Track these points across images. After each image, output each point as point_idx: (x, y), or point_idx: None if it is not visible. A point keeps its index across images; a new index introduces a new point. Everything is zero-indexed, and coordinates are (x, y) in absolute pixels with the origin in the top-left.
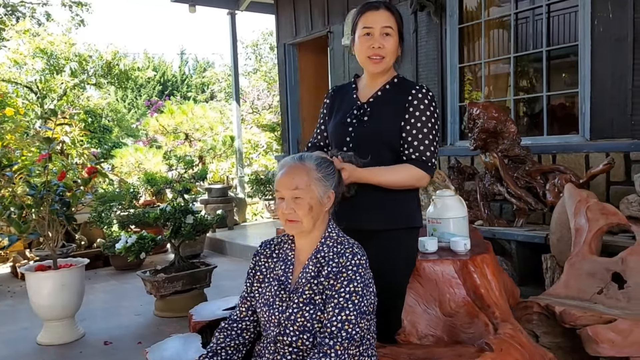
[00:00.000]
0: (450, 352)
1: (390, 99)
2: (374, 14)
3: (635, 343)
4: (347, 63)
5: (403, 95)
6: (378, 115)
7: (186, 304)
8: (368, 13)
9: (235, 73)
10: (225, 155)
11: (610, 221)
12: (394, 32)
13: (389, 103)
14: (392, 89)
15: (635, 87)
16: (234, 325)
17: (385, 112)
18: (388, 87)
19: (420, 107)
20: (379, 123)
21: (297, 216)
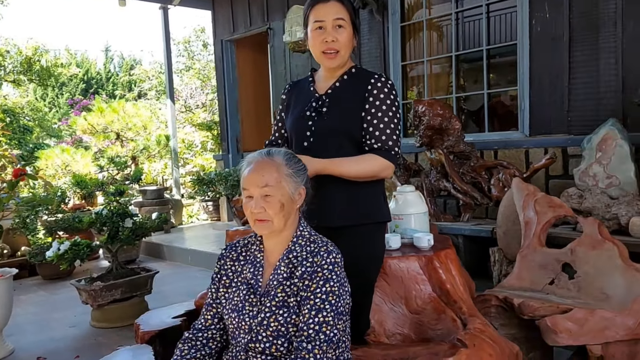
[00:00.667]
0: (425, 351)
1: (349, 89)
2: (325, 7)
3: (590, 331)
4: (288, 60)
5: (362, 85)
6: (337, 107)
7: (126, 313)
8: (318, 6)
9: (169, 70)
10: (159, 156)
11: (557, 213)
12: (347, 23)
13: (348, 94)
14: (350, 80)
15: (571, 85)
16: (199, 335)
17: (345, 103)
18: (346, 78)
19: (380, 96)
20: (339, 114)
21: (267, 215)
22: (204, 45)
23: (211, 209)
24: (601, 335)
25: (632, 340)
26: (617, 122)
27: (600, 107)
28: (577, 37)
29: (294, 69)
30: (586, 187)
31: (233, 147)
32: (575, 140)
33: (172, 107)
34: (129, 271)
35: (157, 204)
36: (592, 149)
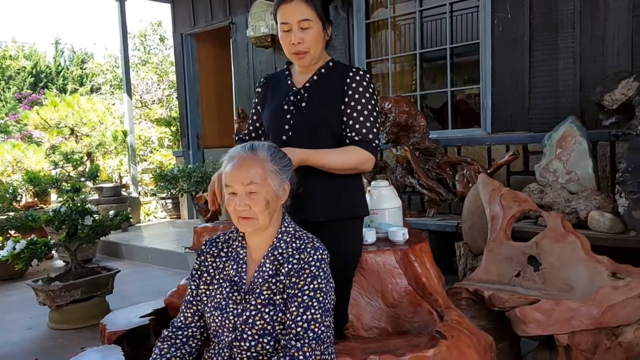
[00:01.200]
0: (405, 343)
1: (327, 83)
2: (288, 7)
3: (557, 321)
4: (251, 55)
5: (340, 78)
6: (317, 100)
7: (86, 313)
8: (282, 6)
9: (125, 64)
10: (115, 152)
11: (522, 208)
12: (314, 21)
13: (326, 87)
14: (328, 73)
15: (531, 84)
16: (179, 333)
17: (324, 97)
18: (323, 72)
19: (359, 90)
20: (318, 108)
21: (252, 213)
22: (160, 39)
23: (170, 207)
24: (567, 325)
25: (595, 330)
26: (576, 120)
27: (559, 105)
28: (537, 37)
29: (257, 64)
30: (547, 183)
31: (194, 144)
32: (536, 137)
33: (130, 102)
34: (89, 270)
35: (114, 202)
36: (552, 146)
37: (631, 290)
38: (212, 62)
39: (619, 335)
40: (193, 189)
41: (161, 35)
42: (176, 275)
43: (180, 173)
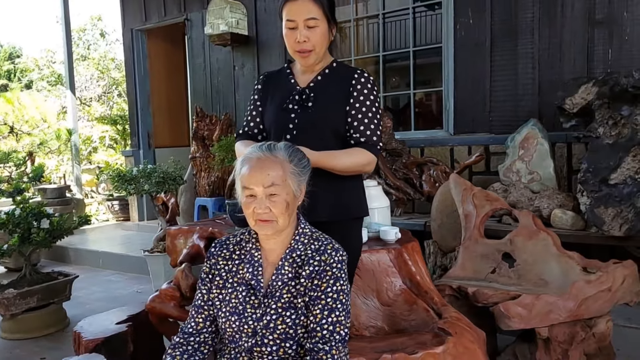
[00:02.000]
0: (412, 341)
1: (332, 84)
2: (295, 5)
3: (538, 315)
4: (208, 53)
5: (345, 80)
6: (322, 100)
7: (43, 321)
8: (289, 4)
9: (69, 59)
10: (58, 151)
11: (494, 206)
12: (320, 20)
13: (332, 88)
14: (332, 74)
15: (492, 88)
16: (190, 340)
17: (329, 97)
18: (327, 72)
19: (364, 92)
20: (324, 108)
21: (272, 215)
22: (101, 35)
23: (117, 209)
24: (547, 318)
25: (571, 322)
26: (538, 122)
27: (519, 108)
28: (498, 42)
29: (213, 63)
30: (510, 182)
31: (144, 143)
32: (497, 139)
33: (73, 99)
34: (45, 276)
35: (58, 204)
36: (515, 147)
37: (602, 283)
38: (163, 60)
39: (593, 326)
40: (154, 189)
41: (102, 30)
42: (132, 280)
43: (140, 173)
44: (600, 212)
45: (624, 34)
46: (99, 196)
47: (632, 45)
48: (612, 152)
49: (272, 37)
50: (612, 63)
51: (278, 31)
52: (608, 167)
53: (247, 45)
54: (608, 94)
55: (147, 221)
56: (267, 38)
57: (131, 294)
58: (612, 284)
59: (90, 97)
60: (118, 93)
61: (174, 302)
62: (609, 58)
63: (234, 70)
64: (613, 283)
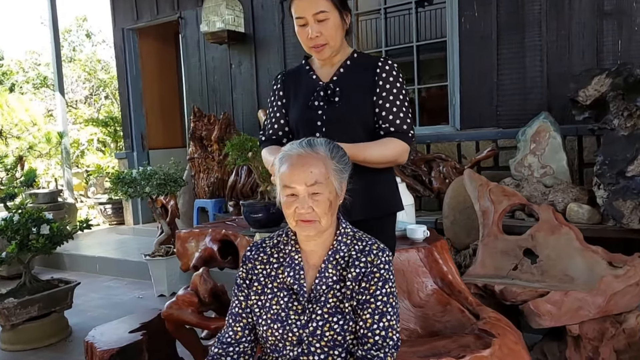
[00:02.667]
0: (454, 345)
1: (356, 75)
2: (302, 1)
3: (567, 312)
4: (203, 51)
5: (369, 70)
6: (348, 93)
7: (44, 331)
8: (296, 0)
9: (57, 61)
10: (48, 155)
11: (512, 202)
12: (330, 12)
13: (356, 80)
14: (354, 65)
15: (499, 81)
16: (230, 350)
17: (355, 90)
18: (349, 64)
19: (390, 80)
20: (352, 101)
21: (314, 215)
22: (87, 36)
23: (110, 212)
24: (577, 315)
25: (600, 318)
26: (549, 115)
27: (527, 102)
28: (505, 35)
29: (209, 61)
30: (522, 177)
31: (138, 144)
32: (505, 133)
33: (62, 101)
34: (46, 284)
35: (50, 209)
36: (526, 141)
37: (630, 278)
38: (155, 59)
39: (623, 322)
40: (155, 192)
41: (87, 31)
42: (132, 285)
43: (140, 175)
44: (618, 205)
45: (634, 25)
46: (88, 200)
47: None
48: (628, 144)
49: (270, 35)
50: (621, 54)
51: (276, 28)
52: (625, 159)
53: (244, 42)
54: (622, 85)
55: (142, 224)
56: (264, 35)
57: (133, 300)
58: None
59: (77, 99)
60: (105, 95)
61: (192, 308)
62: (619, 49)
63: (230, 69)
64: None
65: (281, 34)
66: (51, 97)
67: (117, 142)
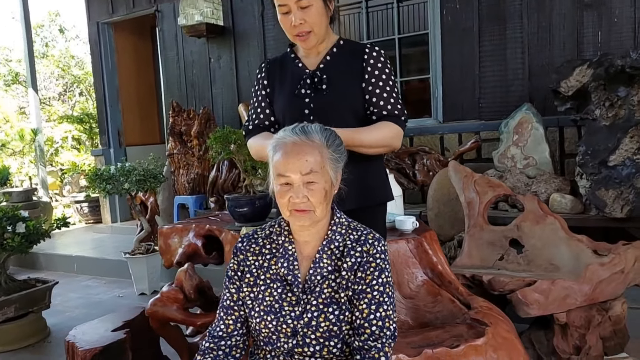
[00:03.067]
0: (447, 335)
1: (343, 63)
2: None
3: (555, 300)
4: (181, 45)
5: (356, 57)
6: (336, 81)
7: (22, 332)
8: None
9: (30, 57)
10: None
11: (497, 193)
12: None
13: (343, 67)
14: (341, 53)
15: (481, 74)
16: (221, 344)
17: (343, 77)
18: (335, 51)
19: (378, 66)
20: (340, 89)
21: (309, 205)
22: (60, 31)
23: (86, 211)
24: (564, 304)
25: (587, 306)
26: (532, 107)
27: (509, 93)
28: (486, 28)
29: (187, 55)
30: (505, 169)
31: (115, 141)
32: (488, 125)
33: (36, 98)
34: (22, 284)
35: (25, 208)
36: (509, 133)
37: (615, 265)
38: (132, 54)
39: (609, 309)
40: (134, 188)
41: (60, 27)
42: (111, 284)
43: (119, 171)
44: (601, 195)
45: (613, 16)
46: (64, 199)
47: (622, 27)
48: (609, 134)
49: (249, 27)
50: (601, 45)
51: (255, 21)
52: (606, 149)
53: (223, 36)
54: (604, 75)
55: (120, 223)
56: (244, 28)
57: (113, 299)
58: (625, 265)
59: (50, 96)
60: (80, 91)
61: (177, 305)
62: (599, 40)
63: (209, 63)
64: (626, 265)
65: (261, 26)
66: (23, 94)
67: (92, 139)
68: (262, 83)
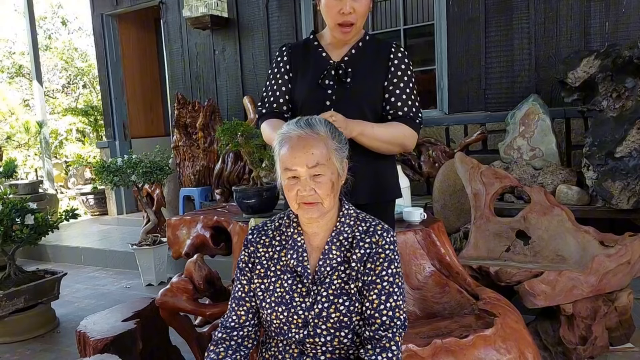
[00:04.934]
0: (456, 325)
1: (368, 58)
2: None
3: (562, 291)
4: (186, 37)
5: (382, 54)
6: (360, 75)
7: (31, 323)
8: None
9: (34, 49)
10: (27, 145)
11: (504, 184)
12: None
13: (368, 62)
14: (366, 48)
15: (487, 64)
16: (233, 334)
17: (367, 72)
18: (361, 45)
19: (401, 67)
20: (363, 83)
21: (317, 197)
22: (62, 23)
23: (92, 203)
24: (570, 295)
25: (593, 297)
26: (538, 98)
27: (515, 85)
28: (493, 18)
29: (192, 47)
30: (511, 160)
31: (120, 133)
32: (493, 117)
33: (40, 90)
34: (31, 275)
35: (32, 200)
36: (515, 124)
37: (621, 257)
38: (136, 46)
39: (615, 300)
40: (141, 180)
41: (63, 19)
42: (118, 275)
43: (126, 163)
44: (607, 186)
45: (621, 6)
46: (69, 191)
47: (630, 18)
48: (616, 125)
49: (254, 19)
50: (609, 36)
51: (260, 12)
52: (613, 140)
53: (228, 28)
54: (611, 66)
55: (126, 214)
56: (248, 20)
57: (120, 290)
58: (631, 256)
59: (54, 88)
60: (83, 84)
61: (187, 296)
62: (606, 31)
63: (214, 55)
64: (632, 256)
65: (266, 18)
66: (27, 86)
67: (97, 132)
68: (284, 67)
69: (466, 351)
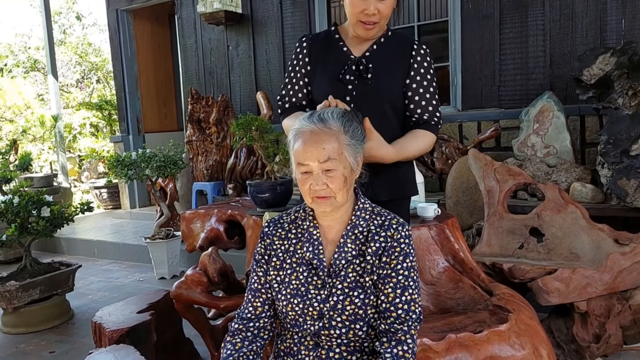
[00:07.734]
0: (470, 320)
1: (390, 55)
2: None
3: (576, 289)
4: (200, 33)
5: (404, 52)
6: (381, 72)
7: (47, 314)
8: None
9: (50, 43)
10: (42, 139)
11: (517, 181)
12: None
13: (389, 59)
14: (388, 43)
15: (501, 61)
16: (250, 325)
17: (388, 69)
18: (383, 41)
19: (424, 65)
20: (383, 80)
21: (329, 192)
22: (77, 18)
23: (105, 197)
24: (584, 292)
25: (607, 295)
26: (553, 95)
27: (530, 81)
28: (507, 15)
29: (206, 43)
30: (525, 157)
31: (134, 128)
32: (507, 113)
33: (56, 84)
34: (47, 267)
35: (47, 193)
36: (529, 121)
37: (636, 255)
38: (150, 41)
39: (629, 298)
40: (155, 174)
41: (78, 14)
42: (131, 269)
43: (140, 157)
44: (622, 184)
45: (638, 3)
46: (82, 185)
47: None
48: (632, 123)
49: (268, 15)
50: (625, 33)
51: (274, 8)
52: (629, 138)
53: (242, 23)
54: (627, 63)
55: (139, 208)
56: (262, 16)
57: (133, 283)
58: None
59: (68, 83)
60: (97, 79)
61: (201, 288)
62: (622, 28)
63: (227, 50)
64: None
65: (279, 14)
66: (42, 80)
67: (111, 126)
68: (304, 60)
69: (480, 346)
